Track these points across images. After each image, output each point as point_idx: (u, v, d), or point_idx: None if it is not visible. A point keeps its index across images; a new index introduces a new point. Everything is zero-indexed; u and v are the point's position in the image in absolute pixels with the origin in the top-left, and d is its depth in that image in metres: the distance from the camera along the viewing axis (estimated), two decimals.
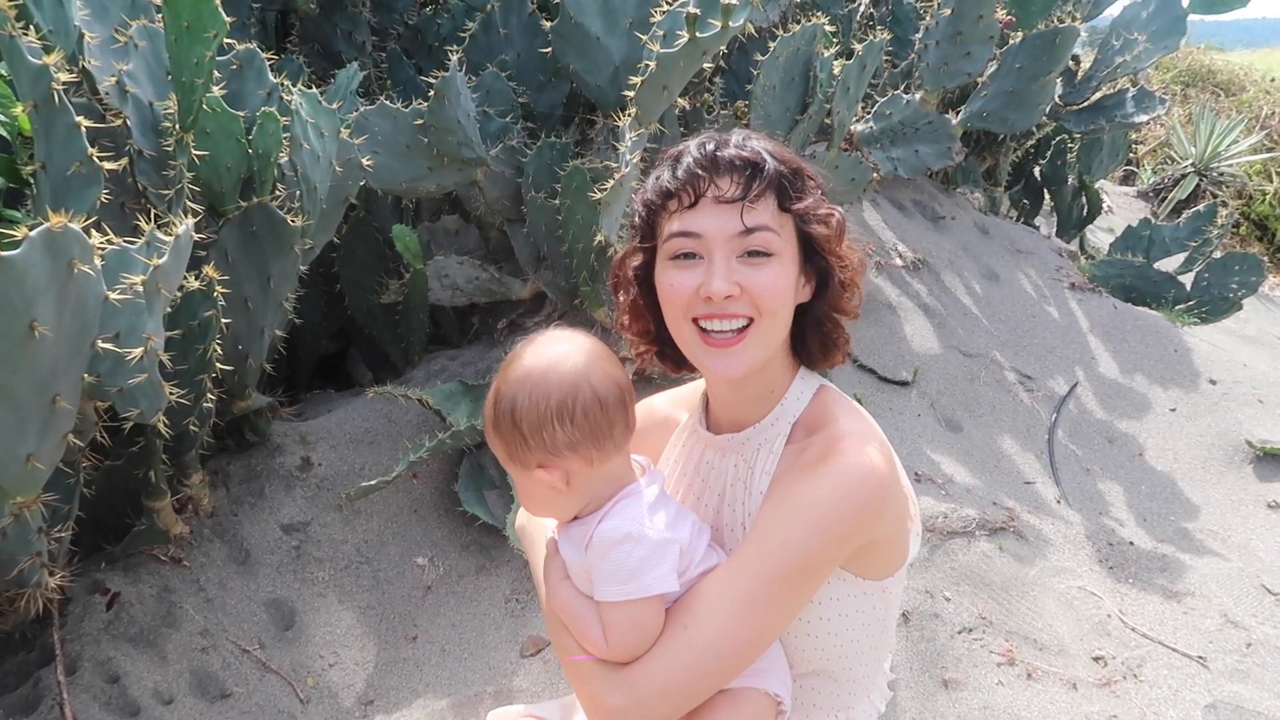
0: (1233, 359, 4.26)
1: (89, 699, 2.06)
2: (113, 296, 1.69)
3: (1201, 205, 5.08)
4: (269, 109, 2.32)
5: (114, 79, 2.24)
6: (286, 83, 2.57)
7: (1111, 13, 4.98)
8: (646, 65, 2.56)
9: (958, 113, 4.25)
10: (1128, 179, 8.72)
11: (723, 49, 3.30)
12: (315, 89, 2.54)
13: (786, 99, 3.35)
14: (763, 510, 1.21)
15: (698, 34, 2.41)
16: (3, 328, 1.49)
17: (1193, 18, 4.65)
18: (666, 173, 1.26)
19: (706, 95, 3.57)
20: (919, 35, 4.11)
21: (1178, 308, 4.44)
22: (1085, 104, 4.89)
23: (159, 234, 1.87)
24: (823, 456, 1.19)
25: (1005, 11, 4.05)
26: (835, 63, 3.38)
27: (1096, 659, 2.57)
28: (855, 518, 1.16)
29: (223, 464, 2.71)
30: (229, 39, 2.28)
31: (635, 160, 2.56)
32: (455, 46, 3.17)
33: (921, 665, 2.41)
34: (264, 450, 2.76)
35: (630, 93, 2.58)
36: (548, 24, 3.10)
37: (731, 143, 1.23)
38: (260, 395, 2.69)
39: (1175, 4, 4.62)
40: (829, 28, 3.42)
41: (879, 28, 4.54)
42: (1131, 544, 3.11)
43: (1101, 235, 6.46)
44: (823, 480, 1.17)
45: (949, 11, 3.87)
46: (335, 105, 2.53)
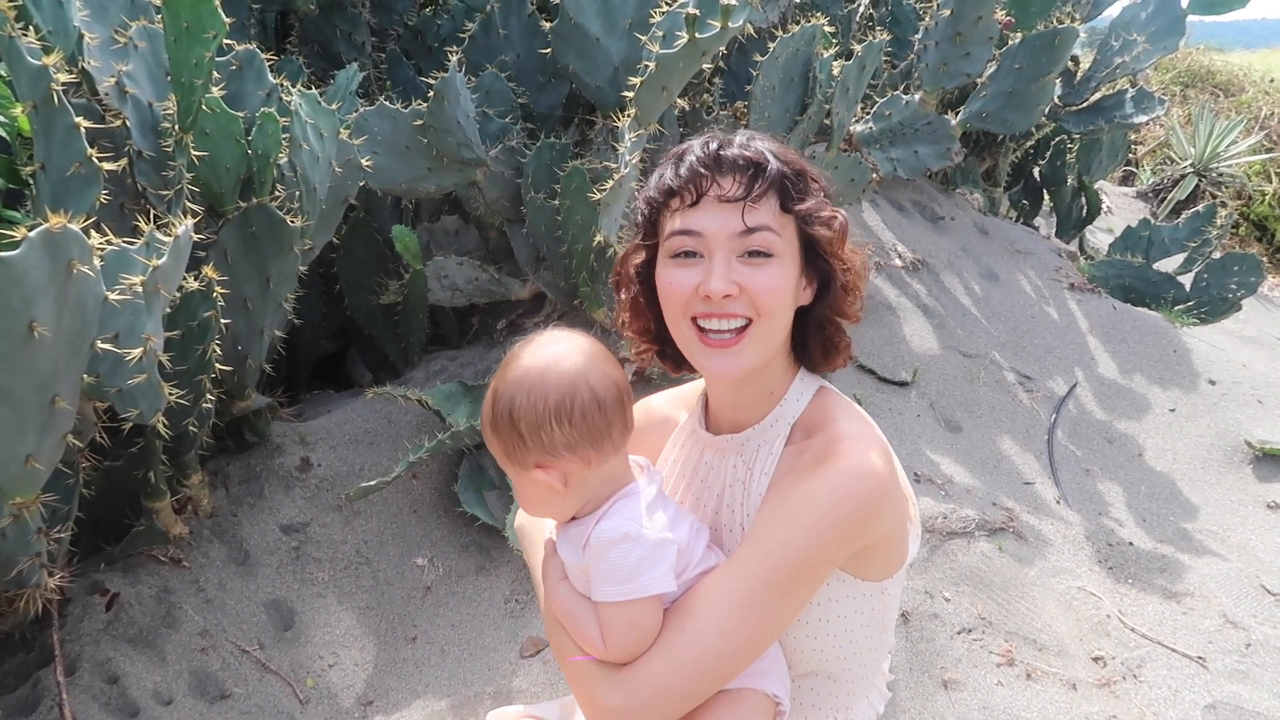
0: (1232, 359, 4.26)
1: (88, 699, 2.06)
2: (112, 297, 1.69)
3: (1201, 206, 5.08)
4: (268, 110, 2.32)
5: (113, 80, 2.24)
6: (286, 83, 2.57)
7: (1110, 13, 4.98)
8: (646, 66, 2.56)
9: (957, 113, 4.25)
10: (1127, 179, 8.72)
11: (722, 50, 3.29)
12: (315, 90, 2.54)
13: (786, 100, 3.35)
14: (762, 511, 1.21)
15: (697, 35, 2.41)
16: (2, 328, 1.49)
17: (1192, 18, 4.66)
18: (669, 170, 1.26)
19: (706, 96, 3.57)
20: (918, 36, 4.12)
21: (1177, 308, 4.44)
22: (1084, 105, 4.90)
23: (158, 234, 1.86)
24: (822, 458, 1.19)
25: (1004, 12, 4.05)
26: (834, 63, 3.39)
27: (1096, 659, 2.57)
28: (854, 519, 1.16)
29: (222, 464, 2.71)
30: (228, 40, 2.28)
31: (634, 161, 2.56)
32: (455, 47, 3.17)
33: (921, 665, 2.41)
34: (263, 451, 2.76)
35: (630, 93, 2.58)
36: (547, 25, 3.10)
37: (735, 142, 1.23)
38: (260, 396, 2.69)
39: (1174, 5, 4.62)
40: (828, 28, 3.43)
41: (878, 28, 4.54)
42: (1131, 544, 3.11)
43: (1101, 236, 6.46)
44: (822, 482, 1.16)
45: (948, 12, 3.88)
46: (335, 106, 2.53)
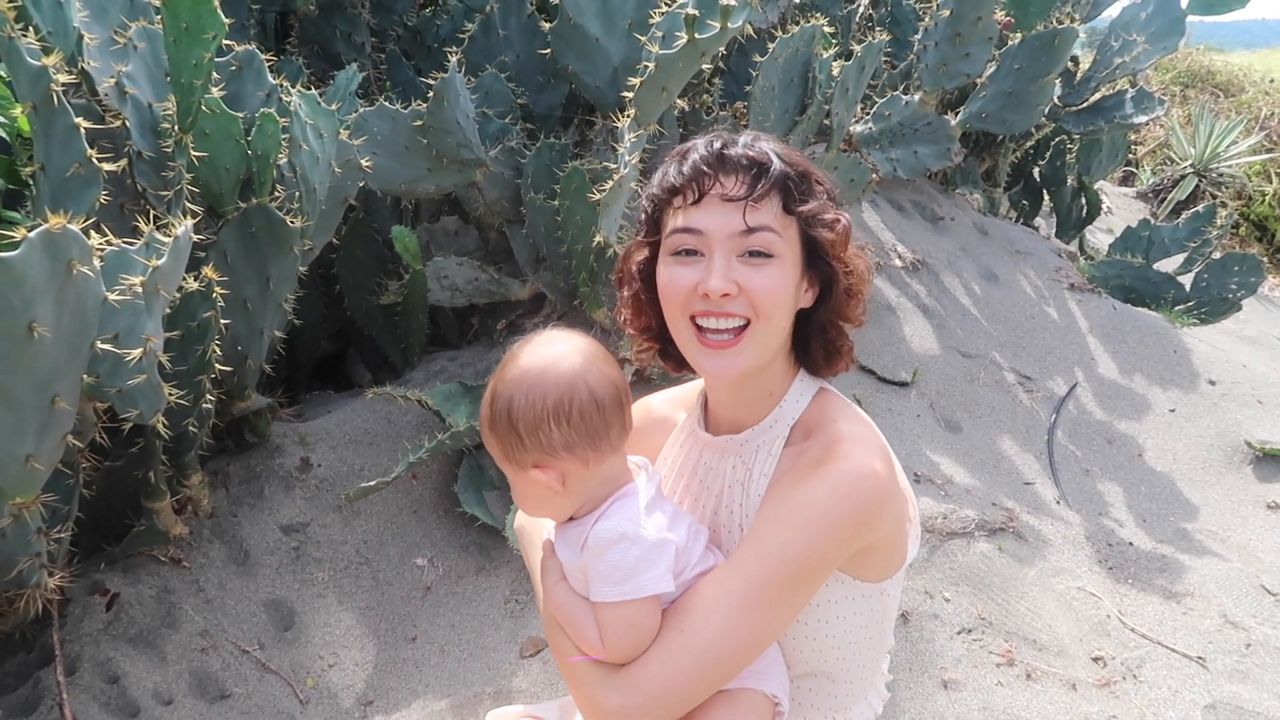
0: (1232, 360, 4.26)
1: (88, 699, 2.06)
2: (112, 297, 1.69)
3: (1201, 206, 5.08)
4: (268, 110, 2.33)
5: (113, 80, 2.24)
6: (285, 84, 2.57)
7: (1110, 14, 4.99)
8: (645, 66, 2.56)
9: (957, 114, 4.25)
10: (1127, 180, 8.72)
11: (722, 50, 3.30)
12: (314, 90, 2.55)
13: (785, 100, 3.35)
14: (761, 513, 1.21)
15: (696, 35, 2.41)
16: (2, 329, 1.49)
17: (1191, 19, 4.66)
18: (673, 168, 1.26)
19: (705, 96, 3.58)
20: (918, 36, 4.12)
21: (1177, 308, 4.44)
22: (1084, 105, 4.90)
23: (158, 235, 1.87)
24: (821, 459, 1.19)
25: (1004, 13, 4.05)
26: (834, 64, 3.39)
27: (1096, 659, 2.57)
28: (853, 521, 1.16)
29: (222, 465, 2.71)
30: (228, 40, 2.28)
31: (634, 161, 2.56)
32: (454, 48, 3.17)
33: (921, 665, 2.41)
34: (263, 451, 2.76)
35: (629, 94, 2.58)
36: (547, 25, 3.10)
37: (740, 142, 1.23)
38: (259, 396, 2.69)
39: (1174, 5, 4.62)
40: (828, 29, 3.43)
41: (878, 29, 4.55)
42: (1131, 544, 3.11)
43: (1101, 236, 6.46)
44: (821, 483, 1.16)
45: (948, 13, 3.88)
46: (334, 106, 2.54)
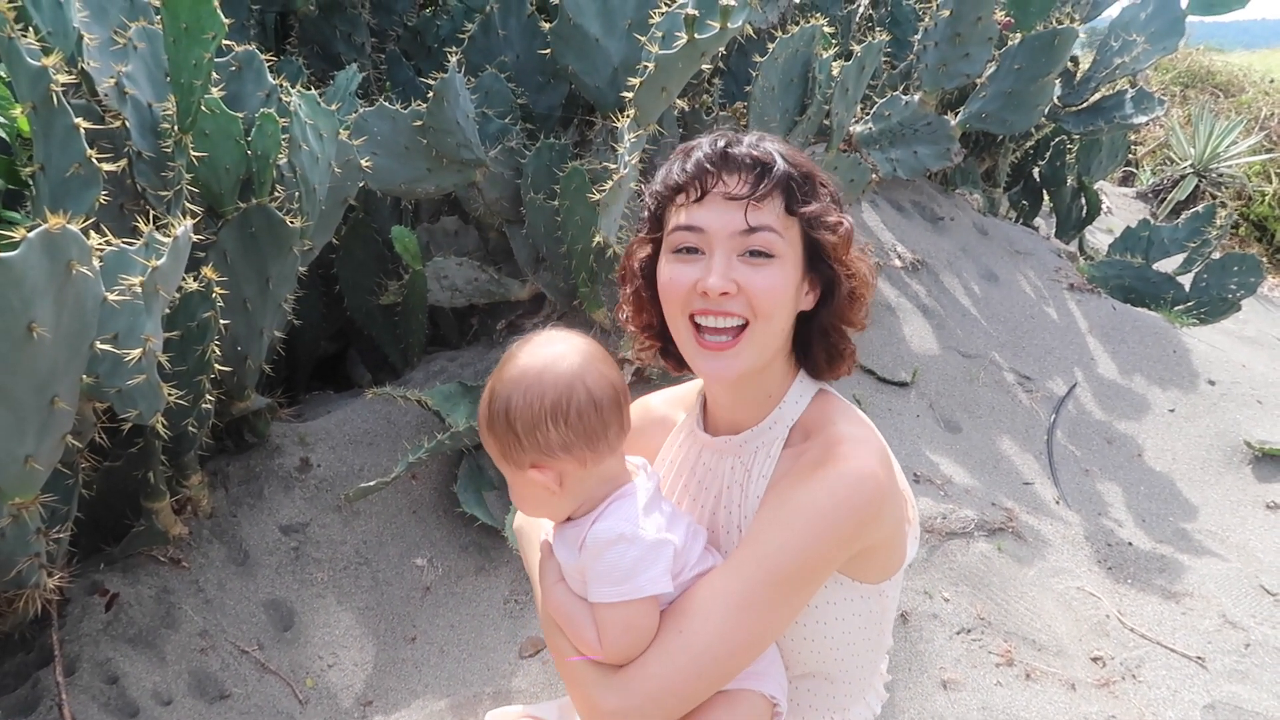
0: (1231, 360, 4.26)
1: (88, 700, 2.06)
2: (111, 298, 1.69)
3: (1200, 206, 5.07)
4: (268, 110, 2.33)
5: (113, 80, 2.24)
6: (285, 84, 2.57)
7: (1110, 14, 4.99)
8: (645, 67, 2.56)
9: (956, 114, 4.25)
10: (1127, 180, 8.72)
11: (721, 50, 3.29)
12: (314, 90, 2.55)
13: (785, 100, 3.35)
14: (760, 514, 1.21)
15: (696, 35, 2.41)
16: (1, 329, 1.49)
17: (1191, 19, 4.66)
18: (677, 165, 1.26)
19: (705, 96, 3.57)
20: (918, 37, 4.12)
21: (1176, 308, 4.44)
22: (1084, 105, 4.90)
23: (157, 235, 1.87)
24: (820, 461, 1.19)
25: (1004, 13, 4.05)
26: (834, 64, 3.39)
27: (1095, 659, 2.57)
28: (852, 522, 1.16)
29: (222, 465, 2.71)
30: (228, 40, 2.28)
31: (634, 161, 2.56)
32: (454, 48, 3.17)
33: (920, 666, 2.41)
34: (263, 451, 2.76)
35: (629, 94, 2.58)
36: (546, 25, 3.10)
37: (745, 142, 1.23)
38: (259, 396, 2.69)
39: (1174, 5, 4.62)
40: (828, 29, 3.43)
41: (878, 29, 4.55)
42: (1130, 544, 3.11)
43: (1100, 236, 6.46)
44: (820, 485, 1.16)
45: (948, 13, 3.88)
46: (334, 107, 2.54)
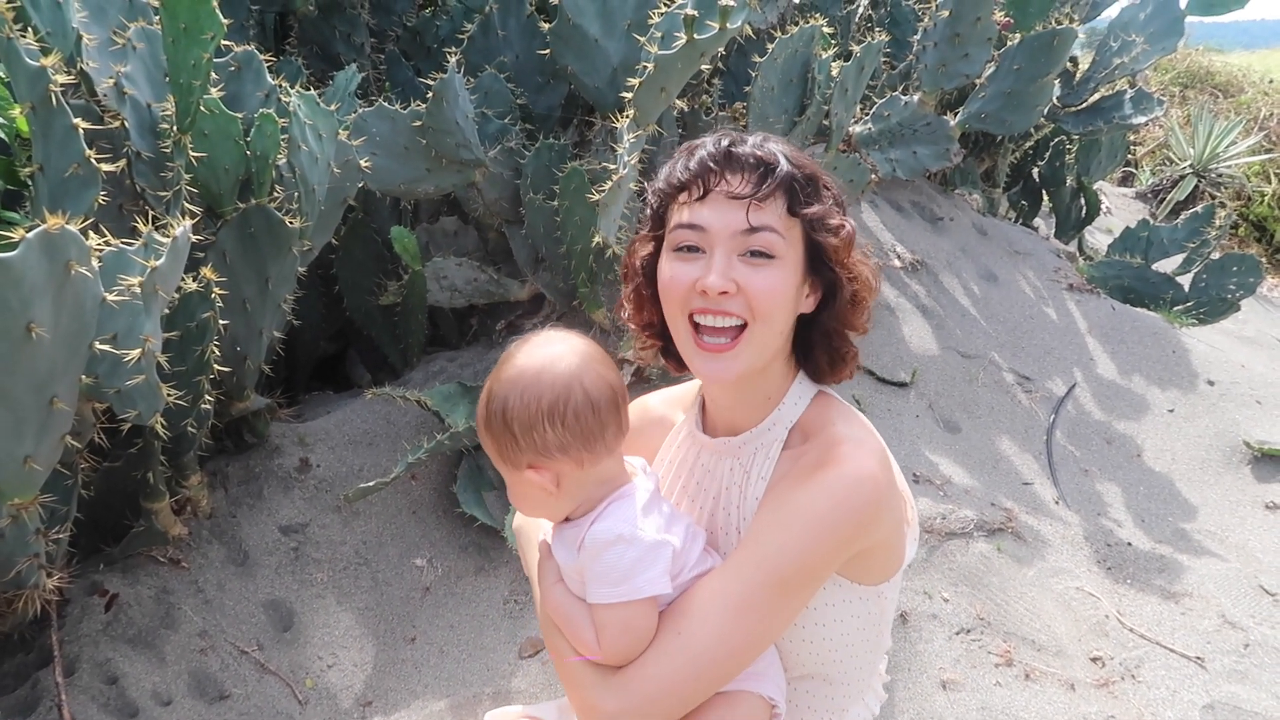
0: (1231, 360, 4.26)
1: (87, 700, 2.06)
2: (110, 298, 1.69)
3: (1200, 206, 5.07)
4: (267, 111, 2.33)
5: (112, 81, 2.24)
6: (285, 84, 2.57)
7: (1109, 14, 4.99)
8: (644, 67, 2.56)
9: (956, 114, 4.25)
10: (1126, 180, 8.72)
11: (721, 51, 3.30)
12: (313, 91, 2.55)
13: (784, 100, 3.35)
14: (759, 515, 1.21)
15: (695, 36, 2.42)
16: (0, 329, 1.49)
17: (1191, 19, 4.66)
18: (680, 164, 1.26)
19: (705, 97, 3.57)
20: (917, 37, 4.12)
21: (1176, 309, 4.44)
22: (1083, 105, 4.90)
23: (157, 235, 1.86)
24: (820, 463, 1.19)
25: (1003, 13, 4.05)
26: (833, 64, 3.39)
27: (1094, 659, 2.57)
28: (852, 524, 1.16)
29: (221, 465, 2.71)
30: (227, 41, 2.28)
31: (633, 162, 2.56)
32: (454, 48, 3.17)
33: (919, 666, 2.41)
34: (262, 452, 2.76)
35: (628, 94, 2.58)
36: (546, 26, 3.10)
37: (749, 142, 1.23)
38: (259, 397, 2.69)
39: (1173, 5, 4.62)
40: (827, 29, 3.43)
41: (877, 29, 4.55)
42: (1129, 545, 3.11)
43: (1100, 236, 6.46)
44: (820, 487, 1.16)
45: (947, 13, 3.88)
46: (333, 107, 2.53)
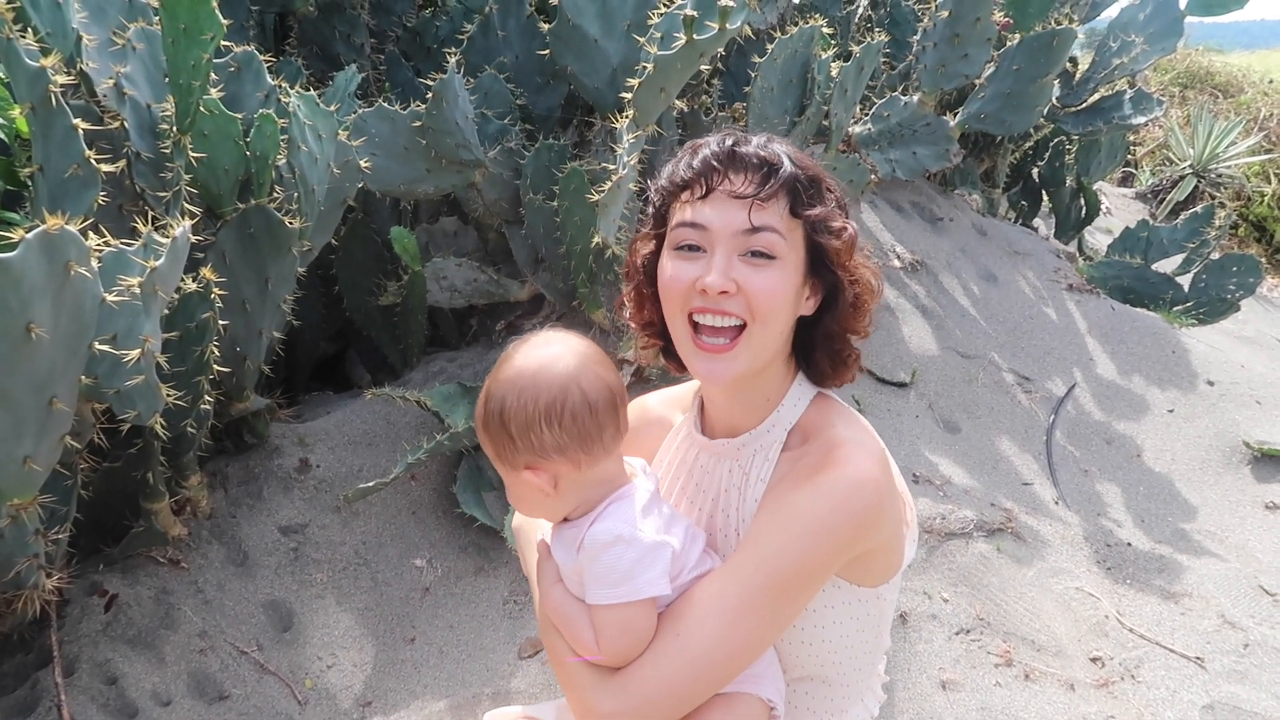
0: (1230, 360, 4.26)
1: (87, 700, 2.06)
2: (110, 298, 1.69)
3: (1199, 207, 5.07)
4: (267, 111, 2.33)
5: (112, 81, 2.24)
6: (284, 85, 2.57)
7: (1109, 14, 4.99)
8: (644, 67, 2.56)
9: (955, 115, 4.25)
10: (1126, 180, 8.72)
11: (720, 51, 3.30)
12: (313, 91, 2.55)
13: (784, 101, 3.35)
14: (758, 517, 1.21)
15: (695, 36, 2.42)
16: (0, 329, 1.49)
17: (1190, 19, 4.66)
18: (683, 162, 1.26)
19: (704, 97, 3.58)
20: (917, 37, 4.12)
21: (1175, 309, 4.43)
22: (1083, 106, 4.90)
23: (156, 236, 1.86)
24: (819, 465, 1.19)
25: (1003, 14, 4.05)
26: (833, 65, 3.39)
27: (1094, 660, 2.57)
28: (851, 527, 1.16)
29: (221, 466, 2.71)
30: (227, 41, 2.28)
31: (633, 162, 2.56)
32: (453, 49, 3.17)
33: (919, 666, 2.41)
34: (262, 452, 2.76)
35: (628, 95, 2.58)
36: (546, 26, 3.10)
37: (753, 142, 1.23)
38: (258, 397, 2.69)
39: (1173, 6, 4.63)
40: (827, 30, 3.43)
41: (877, 30, 4.55)
42: (1129, 545, 3.11)
43: (1100, 237, 6.46)
44: (819, 489, 1.16)
45: (947, 14, 3.88)
46: (333, 107, 2.53)
